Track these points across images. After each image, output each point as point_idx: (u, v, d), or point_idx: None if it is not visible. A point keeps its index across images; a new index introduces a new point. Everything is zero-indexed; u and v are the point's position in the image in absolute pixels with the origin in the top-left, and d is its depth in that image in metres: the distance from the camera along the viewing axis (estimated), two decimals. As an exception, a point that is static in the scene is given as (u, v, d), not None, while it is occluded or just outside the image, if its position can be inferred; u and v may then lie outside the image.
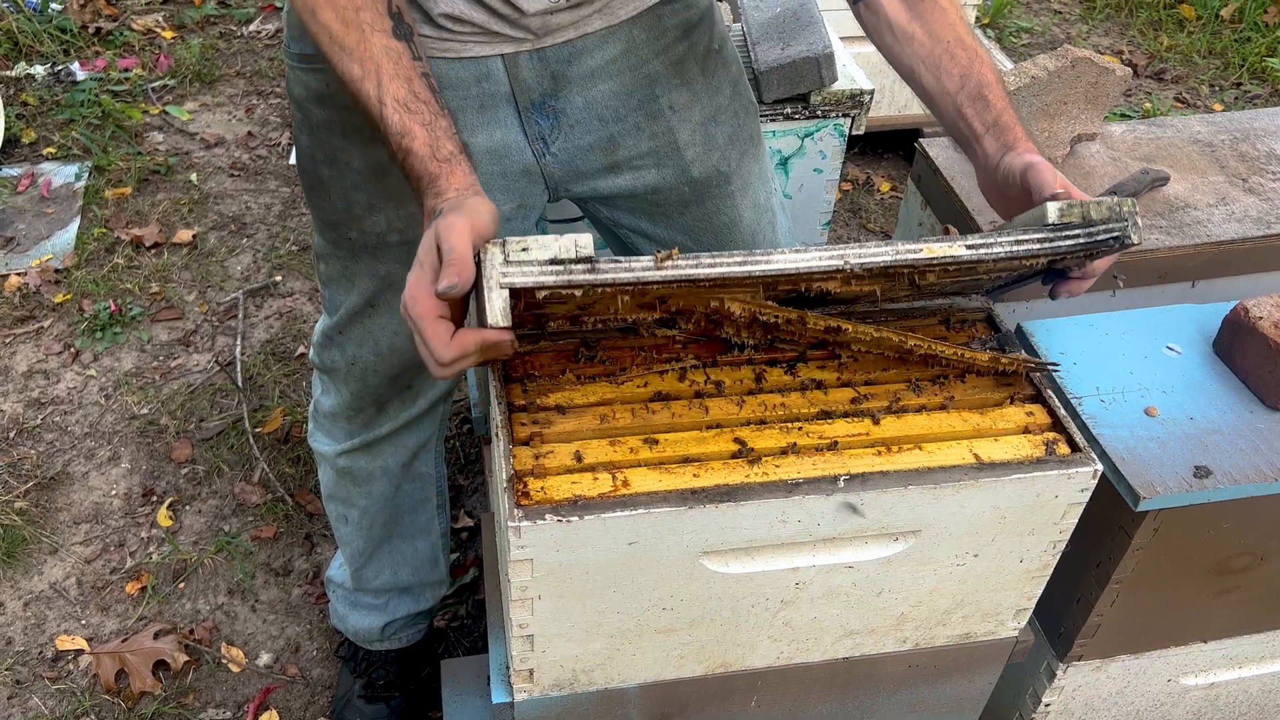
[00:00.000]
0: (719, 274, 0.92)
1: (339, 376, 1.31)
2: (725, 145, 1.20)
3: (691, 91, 1.16)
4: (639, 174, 1.18)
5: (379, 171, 1.12)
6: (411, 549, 1.50)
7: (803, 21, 1.59)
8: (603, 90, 1.12)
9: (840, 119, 1.61)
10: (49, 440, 2.05)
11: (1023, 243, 0.97)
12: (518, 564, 1.00)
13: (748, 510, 1.00)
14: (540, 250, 0.86)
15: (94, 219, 2.55)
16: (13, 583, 1.81)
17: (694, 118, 1.17)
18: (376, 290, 1.21)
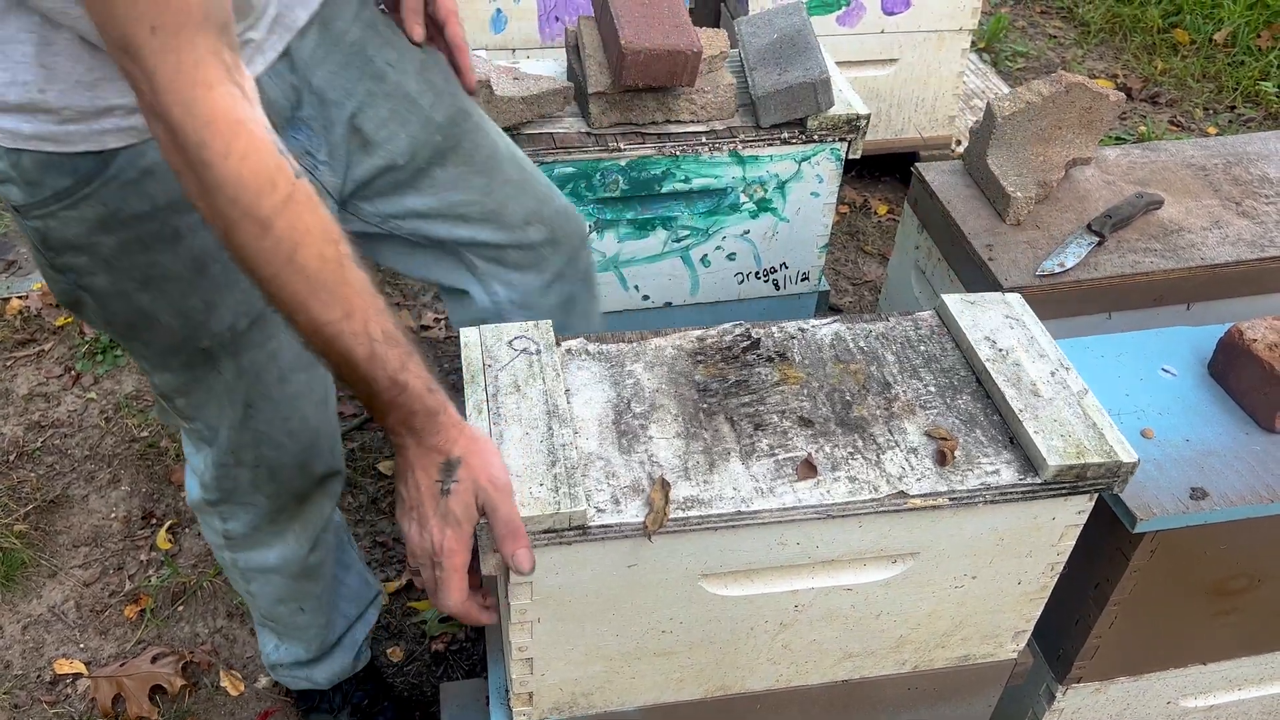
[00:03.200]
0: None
1: (246, 493, 1.26)
2: (445, 85, 1.21)
3: (396, 47, 1.16)
4: (393, 142, 1.17)
5: (199, 266, 1.05)
6: (346, 589, 1.52)
7: (799, 47, 1.61)
8: (323, 75, 1.09)
9: (837, 143, 1.63)
10: (49, 463, 2.05)
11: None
12: (517, 587, 1.01)
13: (747, 533, 1.01)
14: (535, 525, 0.94)
15: (95, 242, 2.56)
16: (11, 606, 1.80)
17: (410, 68, 1.17)
18: (249, 389, 1.16)
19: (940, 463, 1.04)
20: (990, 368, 1.13)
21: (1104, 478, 1.04)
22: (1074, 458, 1.02)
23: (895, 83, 2.76)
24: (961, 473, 1.04)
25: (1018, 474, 1.04)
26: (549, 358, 1.12)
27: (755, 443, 1.06)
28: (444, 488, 0.91)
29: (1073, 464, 1.02)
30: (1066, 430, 1.05)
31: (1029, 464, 1.05)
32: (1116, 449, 1.04)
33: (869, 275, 2.64)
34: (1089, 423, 1.06)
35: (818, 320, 1.22)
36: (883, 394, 1.12)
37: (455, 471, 0.91)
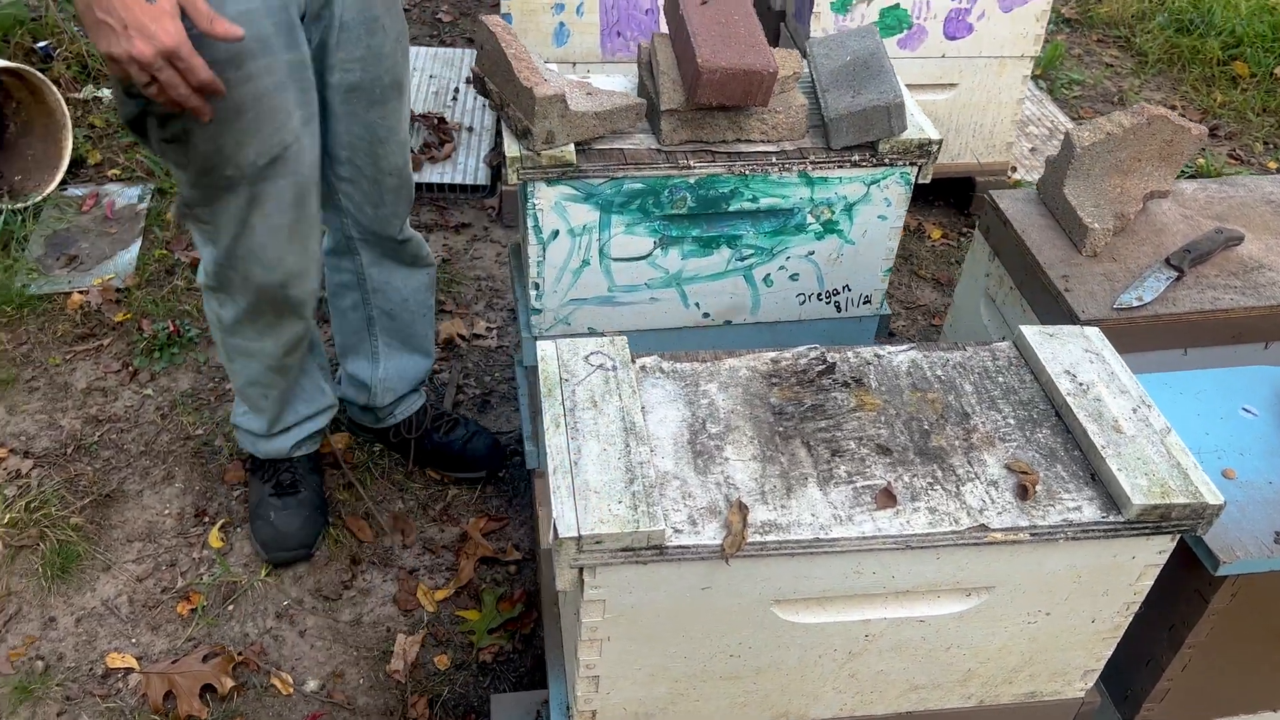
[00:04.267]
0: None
1: (237, 290, 1.58)
2: (402, 59, 1.59)
3: (391, 15, 1.53)
4: (347, 74, 1.52)
5: (237, 112, 1.34)
6: (300, 389, 1.84)
7: (873, 70, 1.60)
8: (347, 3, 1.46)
9: (907, 167, 1.62)
10: (105, 457, 2.07)
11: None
12: (590, 604, 1.00)
13: (824, 560, 1.00)
14: (612, 542, 0.95)
15: (155, 241, 2.59)
16: (66, 598, 1.82)
17: (391, 35, 1.53)
18: (252, 214, 1.46)
19: (1021, 497, 1.03)
20: (1071, 402, 1.11)
21: (1188, 519, 1.02)
22: (1158, 497, 1.01)
23: (954, 107, 2.75)
24: (1043, 508, 1.02)
25: (1100, 511, 1.02)
26: (625, 374, 1.12)
27: (833, 469, 1.05)
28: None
29: (1157, 504, 1.00)
30: (1150, 469, 1.03)
31: (1111, 502, 1.03)
32: (1202, 490, 1.02)
33: (923, 300, 2.62)
34: (1173, 462, 1.04)
35: (893, 346, 1.21)
36: (961, 424, 1.11)
37: None
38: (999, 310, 1.52)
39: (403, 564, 1.93)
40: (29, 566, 1.86)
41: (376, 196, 1.69)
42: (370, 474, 2.07)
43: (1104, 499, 1.03)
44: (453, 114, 3.17)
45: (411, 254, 1.83)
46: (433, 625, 1.83)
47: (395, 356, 1.94)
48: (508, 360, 2.38)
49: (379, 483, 2.06)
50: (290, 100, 1.40)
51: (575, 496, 0.97)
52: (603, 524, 0.95)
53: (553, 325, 1.71)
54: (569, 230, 1.61)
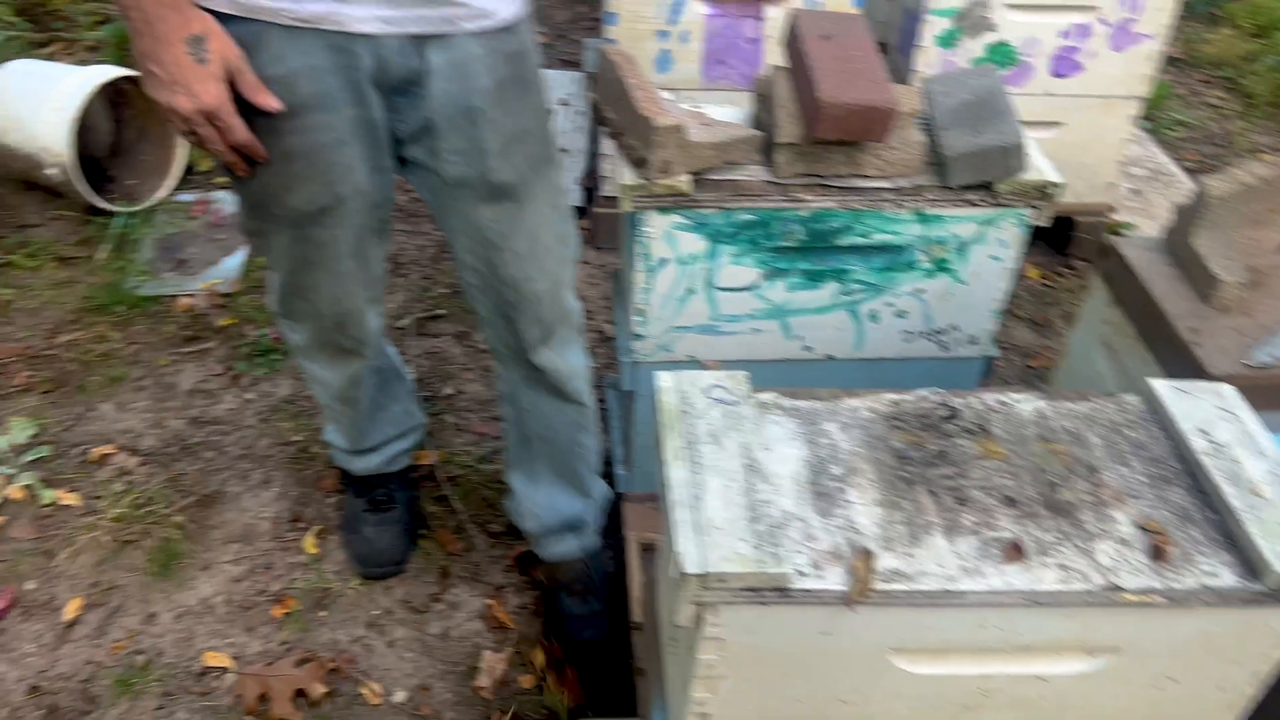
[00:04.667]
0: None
1: (301, 316, 1.54)
2: (521, 162, 1.40)
3: (506, 109, 1.35)
4: (449, 165, 1.38)
5: (286, 159, 1.29)
6: (389, 414, 1.84)
7: (993, 110, 1.58)
8: (440, 88, 1.31)
9: (1025, 209, 1.59)
10: (207, 459, 2.12)
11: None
12: (708, 641, 1.00)
13: (949, 613, 0.98)
14: (736, 581, 0.94)
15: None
16: (166, 595, 1.87)
17: (503, 132, 1.36)
18: (308, 251, 1.41)
19: (1155, 557, 1.00)
20: (1206, 462, 1.08)
21: (1333, 590, 0.98)
22: (1302, 566, 0.97)
23: (1057, 146, 2.70)
24: (1178, 571, 0.99)
25: (1238, 578, 0.99)
26: (746, 409, 1.12)
27: (958, 518, 1.03)
28: (199, 59, 1.15)
29: (1300, 573, 0.97)
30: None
31: (1249, 568, 1.00)
32: (1349, 561, 0.98)
33: (1019, 340, 2.58)
34: (1316, 530, 1.01)
35: (1017, 394, 1.19)
36: (1090, 479, 1.09)
37: (205, 45, 1.15)
38: (1119, 359, 1.48)
39: (491, 580, 1.94)
40: (133, 562, 1.91)
41: (499, 309, 1.52)
42: (463, 487, 2.09)
43: (1242, 565, 1.00)
44: (549, 134, 3.20)
45: (552, 384, 1.61)
46: (519, 643, 1.84)
47: (546, 484, 1.76)
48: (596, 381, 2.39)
49: (472, 496, 2.08)
50: (352, 155, 1.32)
51: (698, 532, 0.97)
52: (727, 562, 0.94)
53: (654, 352, 1.72)
54: (677, 259, 1.61)
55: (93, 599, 1.85)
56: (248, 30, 1.20)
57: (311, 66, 1.23)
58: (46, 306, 2.46)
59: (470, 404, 2.31)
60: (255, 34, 1.20)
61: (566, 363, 1.60)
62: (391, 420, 1.86)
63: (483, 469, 2.14)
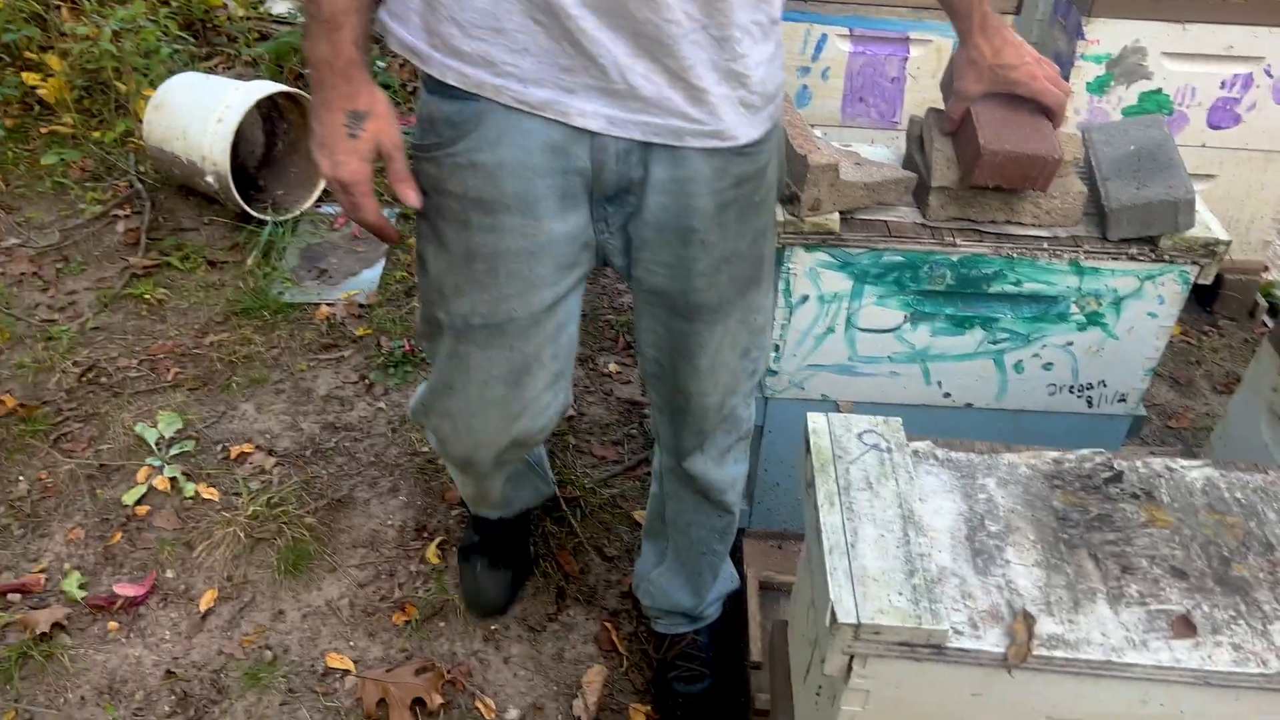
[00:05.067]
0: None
1: (431, 429, 1.47)
2: (726, 284, 1.31)
3: (722, 233, 1.26)
4: (651, 275, 1.30)
5: (468, 258, 1.23)
6: (517, 494, 1.81)
7: (1161, 163, 1.53)
8: (655, 201, 1.22)
9: (1188, 266, 1.54)
10: (339, 464, 2.19)
11: None
12: (853, 693, 0.98)
13: (1110, 685, 0.94)
14: (891, 635, 0.92)
15: (397, 262, 2.75)
16: (295, 594, 1.93)
17: (714, 255, 1.27)
18: (454, 372, 1.33)
19: (1339, 646, 0.94)
20: (1395, 546, 1.02)
21: None
22: None
23: (1209, 199, 2.60)
24: (1363, 661, 0.94)
25: None
26: (900, 458, 1.10)
27: (1123, 586, 0.99)
28: (351, 133, 1.14)
29: None
30: None
31: None
32: None
33: (1159, 399, 2.48)
34: None
35: (1186, 461, 1.14)
36: (1265, 555, 1.03)
37: (363, 122, 1.14)
38: (1286, 429, 1.41)
39: (606, 604, 1.95)
40: (265, 559, 1.98)
41: (667, 406, 1.46)
42: (583, 509, 2.11)
43: None
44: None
45: (701, 489, 1.55)
46: (629, 671, 1.83)
47: (669, 570, 1.72)
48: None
49: (590, 519, 2.09)
50: (540, 273, 1.23)
51: (854, 581, 0.95)
52: (883, 614, 0.92)
53: (786, 388, 1.71)
54: (819, 296, 1.60)
55: (226, 592, 1.92)
56: (471, 109, 1.15)
57: (522, 163, 1.16)
58: (197, 307, 2.58)
59: (591, 427, 2.33)
60: (477, 113, 1.15)
61: (721, 472, 1.53)
62: (519, 497, 1.84)
63: (602, 492, 2.15)
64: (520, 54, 1.11)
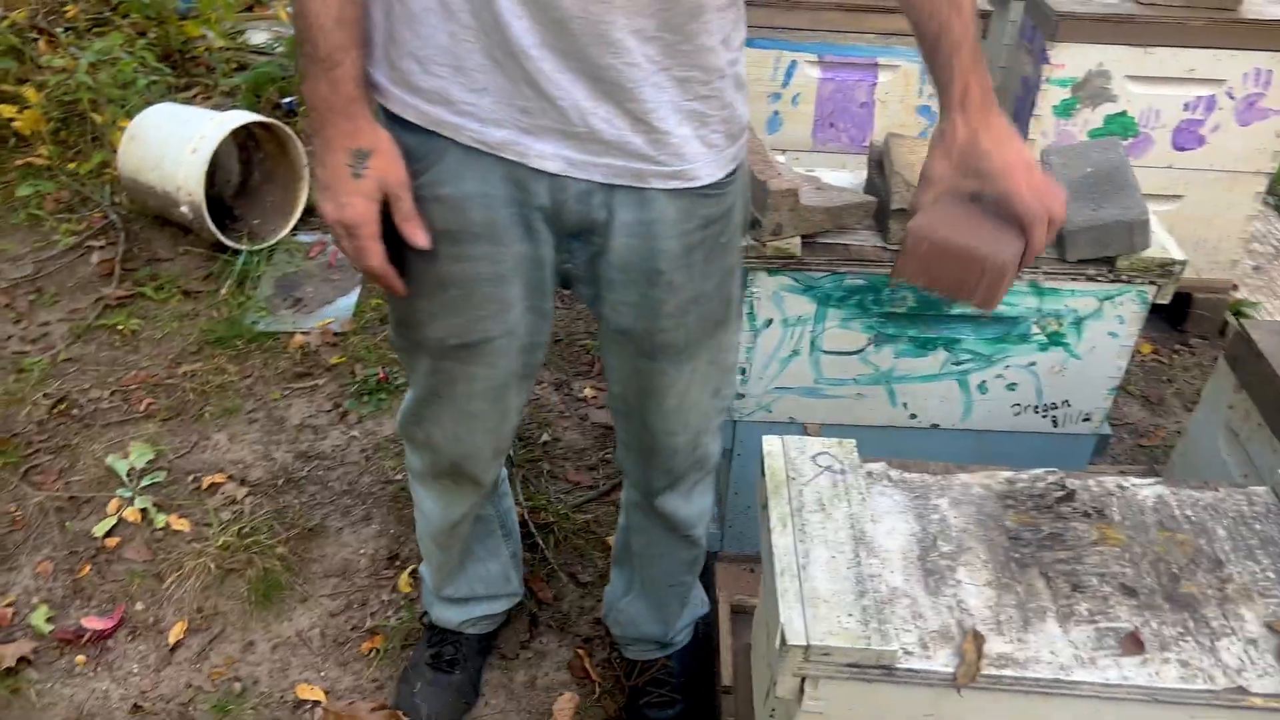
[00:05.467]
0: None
1: (419, 446, 1.47)
2: (694, 325, 1.30)
3: (689, 274, 1.25)
4: (617, 315, 1.29)
5: (440, 286, 1.23)
6: (484, 569, 1.72)
7: (1116, 184, 1.55)
8: (621, 244, 1.21)
9: (1145, 286, 1.55)
10: (311, 493, 2.18)
11: None
12: (807, 715, 0.98)
13: (1060, 703, 0.95)
14: (841, 656, 0.92)
15: (372, 290, 2.75)
16: (265, 624, 1.92)
17: (681, 296, 1.26)
18: (439, 384, 1.34)
19: (1286, 661, 0.95)
20: (1342, 561, 1.03)
21: None
22: None
23: (1176, 220, 2.62)
24: (1310, 676, 0.94)
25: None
26: (854, 479, 1.10)
27: (1073, 605, 1.00)
28: (355, 172, 1.10)
29: None
30: None
31: (1391, 679, 0.94)
32: None
33: (1130, 417, 2.49)
34: None
35: (1137, 480, 1.15)
36: (1214, 572, 1.04)
37: (367, 161, 1.10)
38: (1243, 446, 1.42)
39: (579, 630, 1.94)
40: (236, 590, 1.97)
41: (634, 444, 1.46)
42: (556, 535, 2.11)
43: (1382, 675, 0.94)
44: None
45: (670, 525, 1.55)
46: (603, 699, 1.83)
47: (637, 600, 1.71)
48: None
49: (564, 544, 2.09)
50: (511, 294, 1.24)
51: (804, 603, 0.96)
52: (832, 636, 0.93)
53: (754, 411, 1.71)
54: (783, 320, 1.61)
55: (195, 624, 1.91)
56: (430, 145, 1.14)
57: (485, 194, 1.16)
58: (170, 337, 2.58)
59: (566, 452, 2.33)
60: (437, 150, 1.14)
61: (690, 508, 1.53)
62: (484, 578, 1.73)
63: (576, 518, 2.15)
64: (479, 93, 1.10)
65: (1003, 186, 1.15)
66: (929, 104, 2.52)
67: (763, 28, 2.44)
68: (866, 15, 2.43)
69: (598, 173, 1.14)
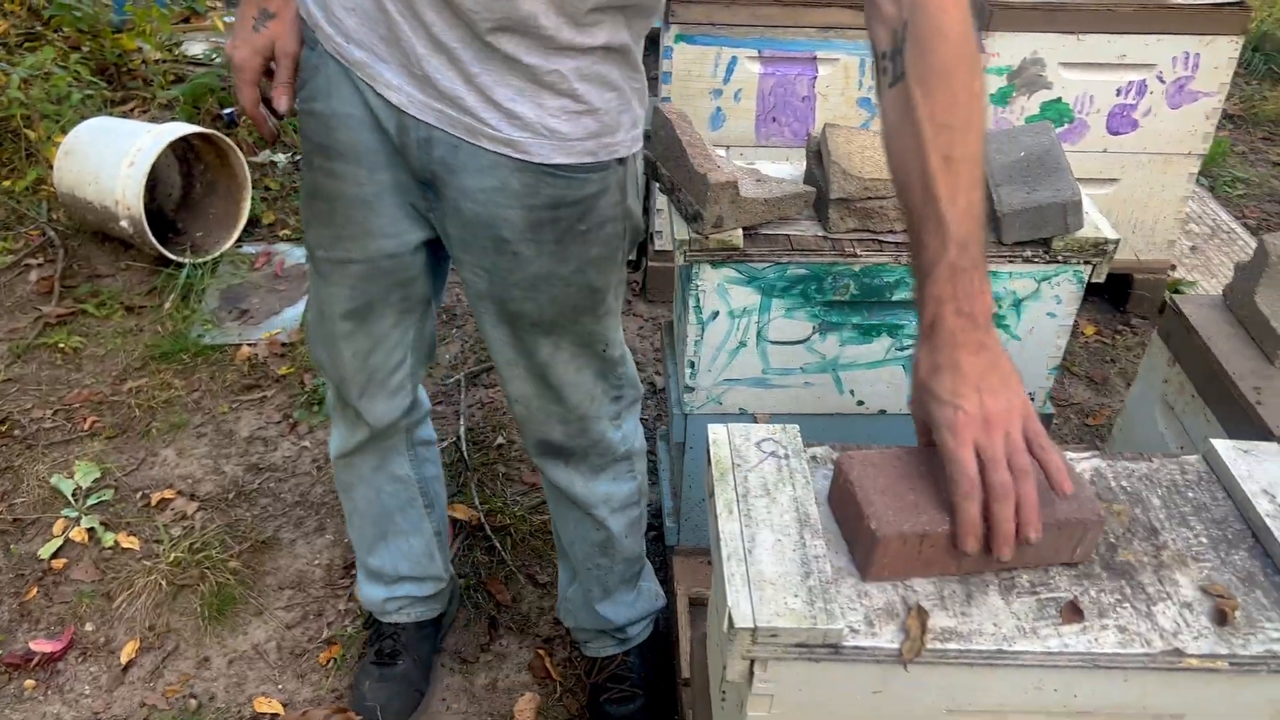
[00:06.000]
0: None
1: (322, 371, 1.51)
2: (548, 304, 1.31)
3: (538, 250, 1.26)
4: (476, 277, 1.33)
5: (311, 194, 1.32)
6: (407, 544, 1.71)
7: (1049, 167, 1.58)
8: (468, 207, 1.25)
9: (1081, 266, 1.58)
10: (263, 505, 2.16)
11: None
12: (758, 698, 0.98)
13: (1004, 674, 0.96)
14: (788, 637, 0.92)
15: (320, 299, 2.72)
16: (220, 639, 1.89)
17: (529, 270, 1.28)
18: (315, 298, 1.42)
19: (1219, 622, 0.97)
20: (1271, 524, 1.05)
21: None
22: (1375, 635, 0.94)
23: (1114, 203, 2.68)
24: (1242, 636, 0.97)
25: None
26: (798, 463, 1.11)
27: (1015, 577, 1.01)
28: (255, 27, 1.24)
29: (1373, 641, 0.94)
30: (1364, 603, 0.97)
31: (1319, 635, 0.97)
32: None
33: (1076, 397, 2.54)
34: (1390, 597, 0.97)
35: (1075, 454, 1.17)
36: (1150, 540, 1.06)
37: (266, 22, 1.24)
38: (1178, 419, 1.46)
39: (539, 631, 1.94)
40: (188, 606, 1.94)
41: (518, 416, 1.49)
42: (513, 536, 2.10)
43: (1311, 631, 0.97)
44: (602, 189, 3.25)
45: (563, 497, 1.56)
46: (564, 697, 1.83)
47: (578, 586, 1.72)
48: (647, 433, 2.39)
49: (521, 547, 2.09)
50: (376, 223, 1.29)
51: (750, 586, 0.96)
52: (779, 617, 0.93)
53: (704, 404, 1.72)
54: (729, 312, 1.62)
55: (148, 642, 1.88)
56: (314, 55, 1.24)
57: (350, 115, 1.23)
58: (114, 354, 2.53)
59: (520, 454, 2.32)
60: (318, 65, 1.24)
61: (590, 490, 1.53)
62: (407, 554, 1.72)
63: (532, 519, 2.15)
64: (350, 11, 1.18)
65: (943, 453, 0.95)
66: (869, 96, 2.55)
67: (702, 24, 2.46)
68: (805, 10, 2.45)
69: (433, 116, 1.18)
